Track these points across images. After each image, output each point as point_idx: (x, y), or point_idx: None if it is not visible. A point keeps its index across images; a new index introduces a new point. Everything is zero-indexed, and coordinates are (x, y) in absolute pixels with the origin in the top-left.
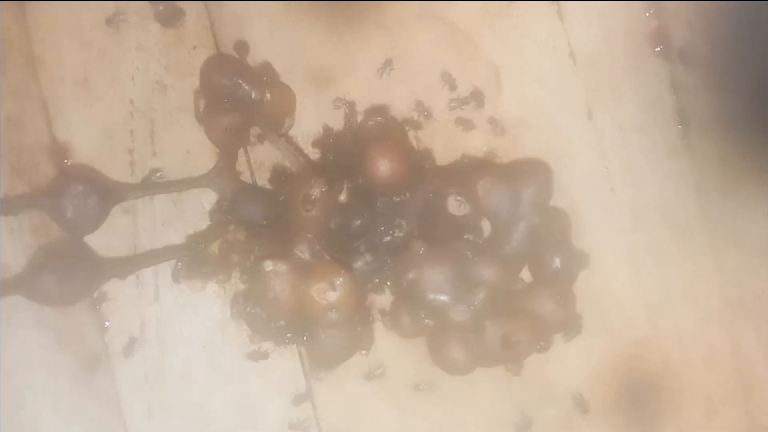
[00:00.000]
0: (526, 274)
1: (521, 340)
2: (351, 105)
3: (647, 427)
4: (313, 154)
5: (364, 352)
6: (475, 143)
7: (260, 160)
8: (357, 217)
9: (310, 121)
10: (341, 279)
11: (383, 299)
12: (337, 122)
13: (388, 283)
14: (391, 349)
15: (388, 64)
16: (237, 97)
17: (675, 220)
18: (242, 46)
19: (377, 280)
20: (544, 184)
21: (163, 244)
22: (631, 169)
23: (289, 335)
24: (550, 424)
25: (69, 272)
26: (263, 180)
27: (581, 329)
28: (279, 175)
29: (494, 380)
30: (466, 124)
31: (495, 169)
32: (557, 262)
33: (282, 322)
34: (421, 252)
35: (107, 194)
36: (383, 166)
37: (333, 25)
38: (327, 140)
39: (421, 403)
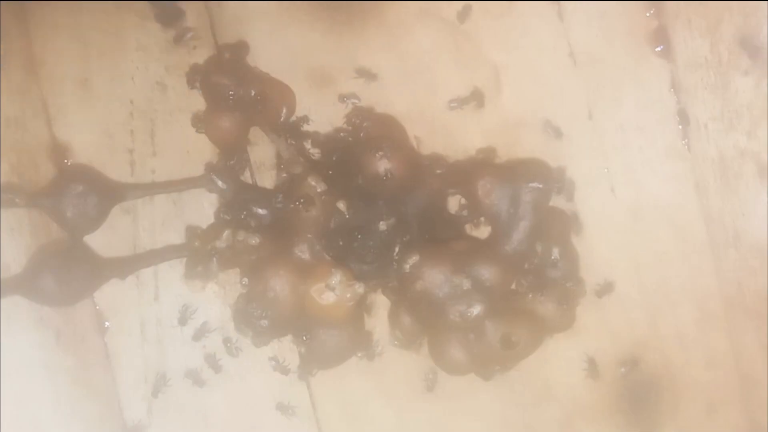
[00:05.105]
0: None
1: (521, 340)
2: (355, 100)
3: (647, 427)
4: (314, 154)
5: (360, 354)
6: (476, 143)
7: (260, 160)
8: (357, 217)
9: (310, 121)
10: (340, 278)
11: (383, 299)
12: (337, 122)
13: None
14: (391, 349)
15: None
16: (237, 96)
17: (675, 220)
18: (242, 46)
19: (374, 283)
20: (544, 184)
21: (163, 244)
22: (631, 169)
23: (289, 335)
24: (550, 424)
25: (69, 272)
26: (263, 180)
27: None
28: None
29: (494, 380)
30: (466, 124)
31: (495, 169)
32: (556, 261)
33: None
34: (417, 259)
35: (107, 194)
36: (384, 166)
37: (333, 25)
38: (328, 141)
39: (421, 403)
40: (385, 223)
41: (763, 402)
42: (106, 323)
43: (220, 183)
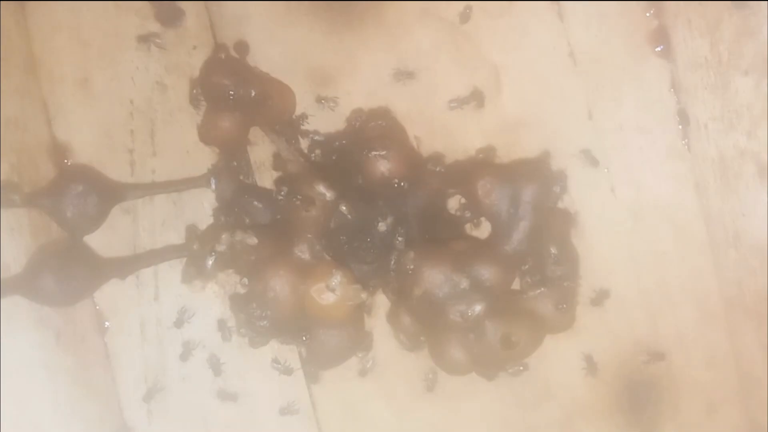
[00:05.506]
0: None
1: (521, 340)
2: (332, 104)
3: (647, 426)
4: (314, 154)
5: (360, 354)
6: (476, 143)
7: (260, 160)
8: (357, 217)
9: (310, 121)
10: (340, 279)
11: (383, 299)
12: (337, 123)
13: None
14: (391, 349)
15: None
16: (237, 96)
17: (675, 220)
18: (242, 46)
19: (374, 283)
20: (544, 184)
21: (163, 244)
22: (631, 169)
23: (288, 336)
24: (551, 424)
25: (69, 272)
26: (263, 180)
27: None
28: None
29: (494, 380)
30: (466, 124)
31: (495, 169)
32: (556, 261)
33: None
34: (416, 259)
35: (107, 194)
36: (383, 166)
37: (333, 25)
38: (328, 140)
39: (421, 403)
40: (385, 223)
41: (763, 402)
42: (106, 323)
43: (220, 184)
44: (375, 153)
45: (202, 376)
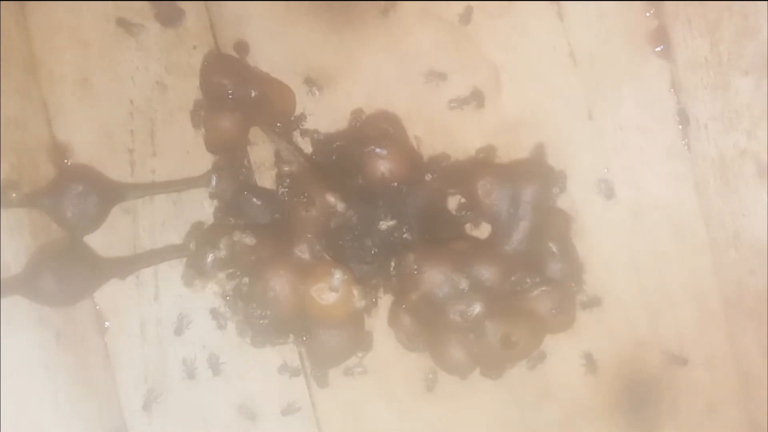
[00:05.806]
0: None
1: (521, 340)
2: (316, 89)
3: (647, 426)
4: (315, 154)
5: (360, 354)
6: (476, 143)
7: (260, 160)
8: (357, 217)
9: (310, 121)
10: (341, 278)
11: (383, 299)
12: (338, 123)
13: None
14: (391, 349)
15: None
16: (237, 96)
17: (675, 220)
18: (242, 46)
19: (374, 282)
20: (544, 184)
21: (163, 244)
22: (631, 169)
23: (289, 336)
24: (551, 424)
25: (69, 272)
26: (263, 180)
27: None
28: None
29: (495, 380)
30: (466, 124)
31: (495, 169)
32: (556, 261)
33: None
34: (416, 259)
35: (107, 194)
36: (383, 165)
37: (333, 25)
38: (328, 140)
39: (421, 403)
40: (385, 223)
41: (763, 402)
42: (106, 323)
43: (220, 184)
44: (373, 148)
45: (202, 376)
